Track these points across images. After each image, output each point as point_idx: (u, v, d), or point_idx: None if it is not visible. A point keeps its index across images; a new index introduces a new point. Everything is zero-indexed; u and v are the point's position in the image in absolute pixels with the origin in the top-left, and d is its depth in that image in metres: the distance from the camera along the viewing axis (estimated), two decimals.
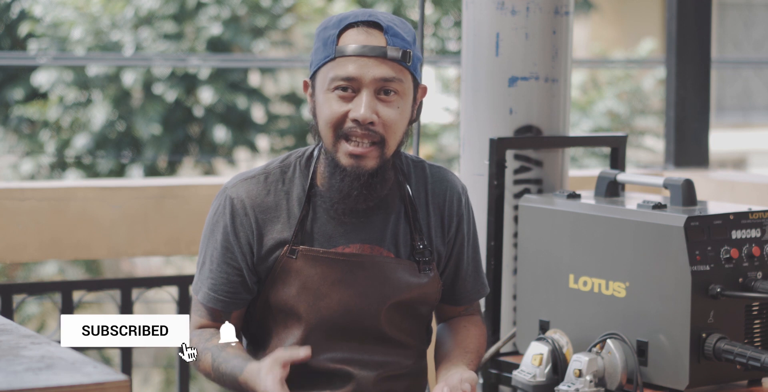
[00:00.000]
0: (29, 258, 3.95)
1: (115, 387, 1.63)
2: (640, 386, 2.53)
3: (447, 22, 11.36)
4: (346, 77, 2.20)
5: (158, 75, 10.39)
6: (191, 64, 10.32)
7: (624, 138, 3.09)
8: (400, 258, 2.31)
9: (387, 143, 2.23)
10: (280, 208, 2.29)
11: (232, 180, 2.33)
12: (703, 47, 4.38)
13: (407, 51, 2.23)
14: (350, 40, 2.22)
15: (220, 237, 2.30)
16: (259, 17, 10.84)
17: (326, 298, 2.28)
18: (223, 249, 2.29)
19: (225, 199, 2.30)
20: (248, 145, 10.85)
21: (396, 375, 2.34)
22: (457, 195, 2.40)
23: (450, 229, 2.38)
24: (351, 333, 2.30)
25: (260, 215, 2.29)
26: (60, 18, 10.48)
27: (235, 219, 2.29)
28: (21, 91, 10.70)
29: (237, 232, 2.28)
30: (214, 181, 4.31)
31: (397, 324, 2.33)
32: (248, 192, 2.29)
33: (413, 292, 2.31)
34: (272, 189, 2.30)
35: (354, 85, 2.21)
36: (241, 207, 2.29)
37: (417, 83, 2.29)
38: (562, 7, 3.02)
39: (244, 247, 2.29)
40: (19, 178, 10.57)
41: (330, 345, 2.30)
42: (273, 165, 2.34)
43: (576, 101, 11.48)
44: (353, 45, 2.21)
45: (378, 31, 2.22)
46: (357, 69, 2.20)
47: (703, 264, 2.50)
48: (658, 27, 14.67)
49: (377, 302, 2.30)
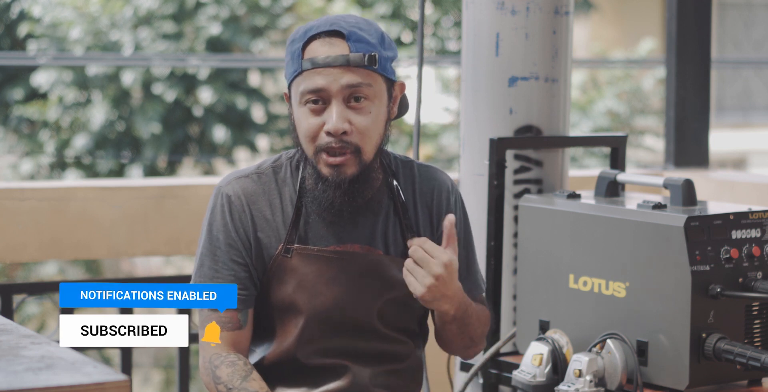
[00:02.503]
0: (29, 258, 3.95)
1: (115, 387, 1.63)
2: (640, 386, 2.53)
3: (447, 22, 11.35)
4: (314, 89, 2.23)
5: (158, 75, 10.39)
6: (191, 63, 10.32)
7: (624, 138, 3.09)
8: (392, 256, 2.33)
9: (362, 150, 2.26)
10: (274, 207, 2.31)
11: (226, 179, 2.35)
12: (703, 47, 4.38)
13: (372, 54, 2.24)
14: (314, 52, 2.24)
15: (222, 236, 2.31)
16: (259, 17, 10.83)
17: (321, 296, 2.30)
18: (227, 246, 2.30)
19: (222, 197, 2.32)
20: (248, 144, 10.85)
21: (392, 370, 2.36)
22: (446, 193, 2.41)
23: (439, 227, 2.39)
24: (346, 329, 2.33)
25: (256, 212, 2.31)
26: (59, 18, 10.48)
27: (233, 216, 2.31)
28: (20, 91, 10.69)
29: (237, 228, 2.30)
30: (214, 181, 4.31)
31: (391, 320, 2.35)
32: (244, 189, 2.32)
33: (406, 288, 2.33)
34: (266, 188, 2.33)
35: (323, 96, 2.23)
36: (239, 203, 2.31)
37: (391, 81, 2.30)
38: (562, 7, 3.02)
39: (245, 243, 2.31)
40: (19, 178, 10.56)
41: (326, 340, 2.32)
42: (265, 165, 2.36)
43: (576, 101, 11.48)
44: (317, 56, 2.23)
45: (340, 39, 2.24)
46: (323, 80, 2.22)
47: (703, 264, 2.50)
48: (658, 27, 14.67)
49: (371, 299, 2.32)
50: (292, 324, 2.31)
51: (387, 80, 2.28)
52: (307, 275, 2.29)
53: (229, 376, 2.27)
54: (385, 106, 2.29)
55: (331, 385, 2.33)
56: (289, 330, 2.32)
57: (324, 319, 2.31)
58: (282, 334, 2.32)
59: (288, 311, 2.31)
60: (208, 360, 2.30)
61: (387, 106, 2.29)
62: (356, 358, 2.33)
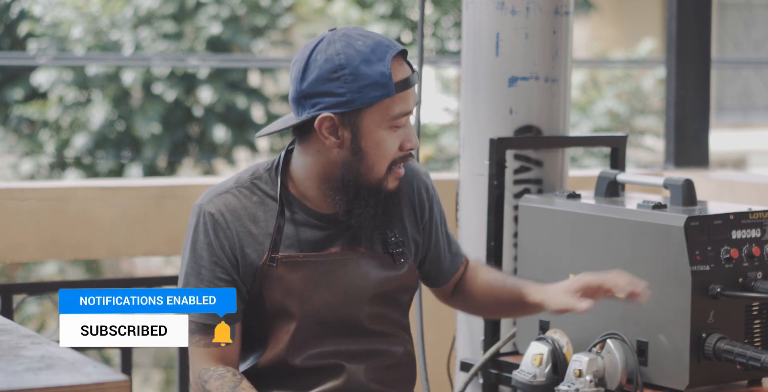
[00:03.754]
0: (29, 258, 3.95)
1: (115, 387, 1.63)
2: (640, 386, 2.53)
3: (447, 22, 11.35)
4: (408, 112, 2.25)
5: (158, 75, 10.38)
6: (191, 63, 10.32)
7: (624, 138, 3.09)
8: (374, 253, 2.34)
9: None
10: (258, 220, 2.31)
11: (205, 196, 2.33)
12: (703, 47, 4.38)
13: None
14: (401, 74, 2.24)
15: (206, 254, 2.29)
16: (259, 17, 10.83)
17: (310, 301, 2.31)
18: (212, 264, 2.29)
19: (204, 215, 2.30)
20: (248, 144, 10.85)
21: (386, 366, 2.38)
22: (424, 183, 2.45)
23: (423, 217, 2.44)
24: (337, 329, 2.34)
25: (239, 228, 2.30)
26: (59, 18, 10.48)
27: (218, 233, 2.29)
28: (20, 91, 10.69)
29: (222, 246, 2.29)
30: (214, 181, 4.30)
31: (379, 316, 2.37)
32: (226, 205, 2.30)
33: (392, 283, 2.36)
34: (247, 202, 2.31)
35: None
36: (222, 220, 2.29)
37: None
38: (562, 7, 3.02)
39: (231, 259, 2.29)
40: (19, 178, 10.56)
41: (318, 342, 2.33)
42: (244, 178, 2.35)
43: (576, 101, 11.48)
44: (405, 78, 2.24)
45: (403, 58, 2.27)
46: (413, 101, 2.26)
47: (703, 264, 2.50)
48: (658, 27, 14.67)
49: (359, 297, 2.34)
50: (283, 330, 2.32)
51: None
52: (294, 282, 2.30)
53: (219, 389, 2.27)
54: None
55: (327, 385, 2.33)
56: (281, 336, 2.32)
57: (315, 323, 2.31)
58: (274, 341, 2.33)
59: (279, 318, 2.32)
60: (197, 375, 2.30)
61: None
62: (350, 357, 2.34)
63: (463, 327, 3.10)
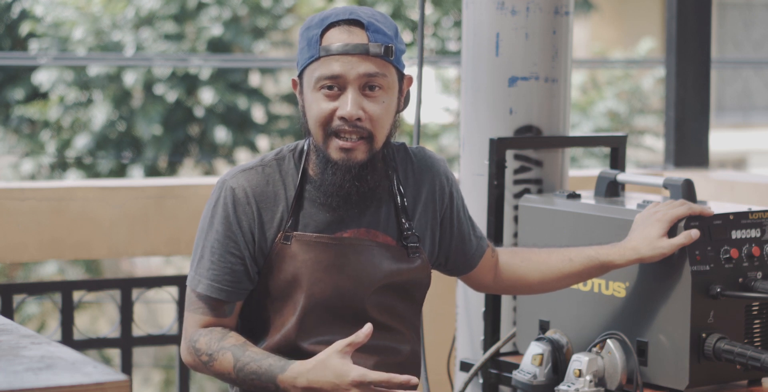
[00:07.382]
0: (29, 258, 3.95)
1: (115, 387, 1.63)
2: (640, 386, 2.53)
3: (447, 22, 11.36)
4: (330, 76, 2.26)
5: (159, 75, 10.39)
6: (192, 64, 10.33)
7: (624, 138, 3.09)
8: (389, 245, 2.36)
9: (375, 137, 2.30)
10: (279, 198, 2.34)
11: (230, 172, 2.37)
12: (703, 47, 4.38)
13: (389, 46, 2.28)
14: (333, 39, 2.27)
15: (222, 228, 2.32)
16: (260, 18, 10.84)
17: (320, 283, 2.32)
18: (225, 238, 2.32)
19: (226, 190, 2.34)
20: (249, 145, 10.85)
21: (393, 363, 2.37)
22: (443, 171, 2.46)
23: (443, 207, 2.45)
24: (345, 317, 2.34)
25: (261, 204, 2.33)
26: (61, 18, 10.48)
27: (237, 208, 2.32)
28: (21, 91, 10.70)
29: (240, 221, 2.32)
30: (214, 181, 4.30)
31: (386, 307, 2.37)
32: (249, 181, 2.34)
33: (402, 276, 2.36)
34: (270, 179, 2.35)
35: (339, 82, 2.27)
36: (243, 196, 2.32)
37: (402, 75, 2.34)
38: (562, 7, 3.02)
39: (246, 236, 2.32)
40: (19, 178, 10.57)
41: (325, 330, 2.33)
42: (268, 157, 2.39)
43: (576, 101, 11.48)
44: (336, 44, 2.27)
45: (359, 28, 2.28)
46: (341, 67, 2.26)
47: (703, 264, 2.50)
48: (658, 27, 14.68)
49: (368, 284, 2.34)
50: (290, 311, 2.32)
51: (399, 73, 2.33)
52: (306, 261, 2.31)
53: (207, 343, 2.29)
54: (396, 98, 2.33)
55: None
56: (288, 318, 2.32)
57: (321, 306, 2.32)
58: (281, 322, 2.33)
59: (288, 297, 2.32)
60: (188, 339, 2.32)
61: (398, 98, 2.34)
62: (358, 350, 2.32)
63: (463, 327, 3.10)
